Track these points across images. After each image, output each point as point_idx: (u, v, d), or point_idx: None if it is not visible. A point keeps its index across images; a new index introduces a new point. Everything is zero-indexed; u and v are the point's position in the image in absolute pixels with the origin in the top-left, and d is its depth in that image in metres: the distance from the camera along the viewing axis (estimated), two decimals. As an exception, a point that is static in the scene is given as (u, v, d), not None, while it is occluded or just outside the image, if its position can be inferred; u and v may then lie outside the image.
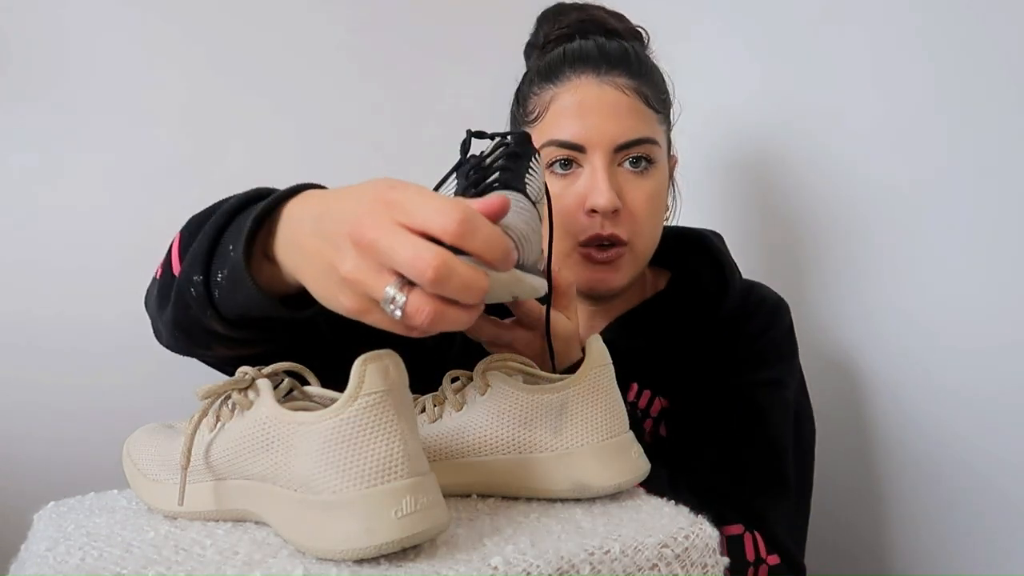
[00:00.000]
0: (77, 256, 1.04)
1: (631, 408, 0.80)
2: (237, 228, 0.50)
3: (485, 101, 1.33)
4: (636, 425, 0.77)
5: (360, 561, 0.41)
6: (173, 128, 1.10)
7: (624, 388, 0.78)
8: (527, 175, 0.54)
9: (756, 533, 0.71)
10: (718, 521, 0.68)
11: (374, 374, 0.42)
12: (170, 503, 0.51)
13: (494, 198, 0.42)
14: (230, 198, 0.54)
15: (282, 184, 0.70)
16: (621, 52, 0.79)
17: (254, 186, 0.60)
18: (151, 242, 1.08)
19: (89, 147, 1.05)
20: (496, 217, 0.42)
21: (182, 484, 0.49)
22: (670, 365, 0.80)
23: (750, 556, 0.70)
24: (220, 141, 1.13)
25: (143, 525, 0.51)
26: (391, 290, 0.39)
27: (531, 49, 0.86)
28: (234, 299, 0.50)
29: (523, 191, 0.52)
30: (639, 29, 0.86)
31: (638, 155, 0.76)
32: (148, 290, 0.62)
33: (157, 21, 1.09)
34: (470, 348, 0.65)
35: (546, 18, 0.85)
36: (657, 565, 0.46)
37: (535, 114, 0.80)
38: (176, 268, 0.55)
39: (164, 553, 0.46)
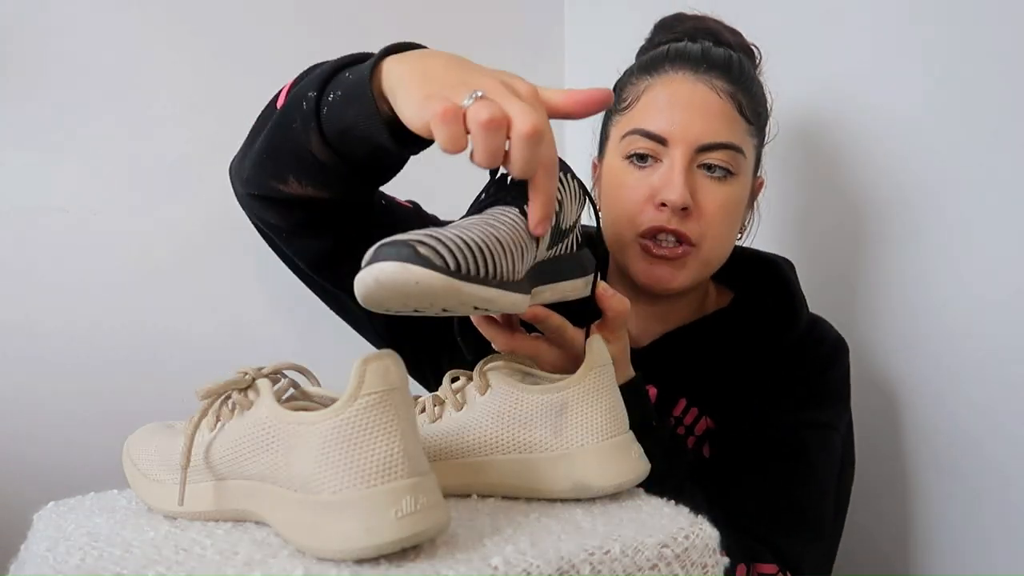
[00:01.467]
0: (76, 255, 1.04)
1: (675, 423, 0.78)
2: (359, 64, 0.55)
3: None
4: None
5: (360, 561, 0.41)
6: (175, 127, 1.10)
7: (671, 403, 0.78)
8: None
9: (788, 574, 0.70)
10: (753, 557, 0.68)
11: (374, 374, 0.42)
12: (170, 503, 0.51)
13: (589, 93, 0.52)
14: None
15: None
16: (724, 57, 0.77)
17: None
18: (152, 241, 1.08)
19: (89, 147, 1.05)
20: (578, 107, 0.51)
21: (182, 484, 0.49)
22: (721, 386, 0.78)
23: None
24: (223, 140, 1.13)
25: (143, 525, 0.51)
26: (473, 94, 0.47)
27: (643, 52, 0.86)
28: (343, 114, 0.55)
29: (520, 207, 0.53)
30: (752, 47, 0.85)
31: (718, 163, 0.74)
32: (241, 146, 0.69)
33: (160, 19, 1.09)
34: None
35: (664, 25, 0.86)
36: (657, 565, 0.46)
37: (627, 102, 0.79)
38: (280, 102, 0.61)
39: (164, 553, 0.46)
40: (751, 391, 0.78)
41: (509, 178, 0.56)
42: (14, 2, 1.01)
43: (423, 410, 0.57)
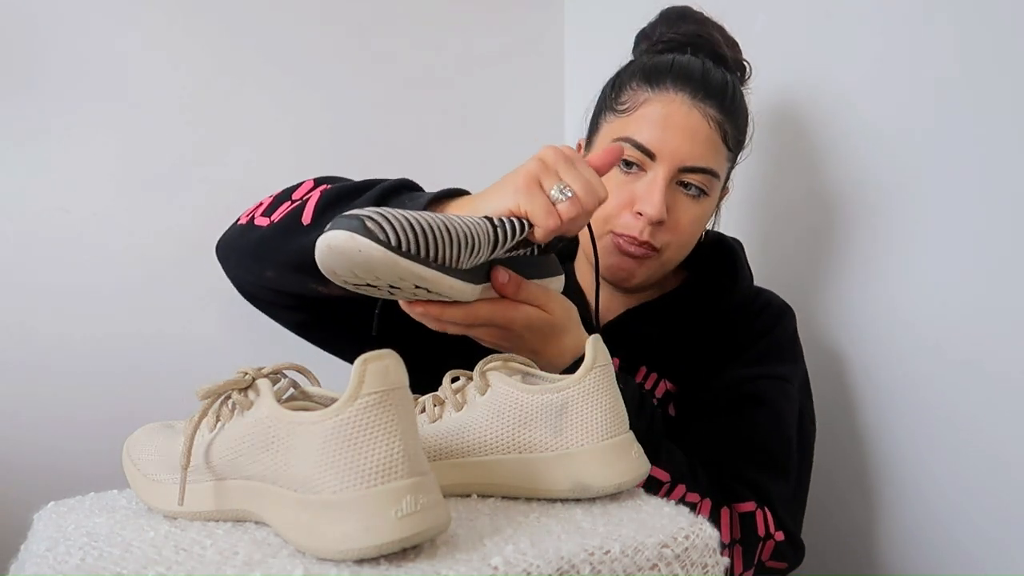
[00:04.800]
0: (77, 255, 1.04)
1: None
2: (406, 196, 0.65)
3: (490, 101, 1.34)
4: None
5: (360, 561, 0.41)
6: (174, 127, 1.10)
7: (632, 371, 0.84)
8: None
9: (765, 509, 0.74)
10: (731, 498, 0.73)
11: (374, 374, 0.42)
12: (170, 503, 0.51)
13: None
14: (375, 180, 0.68)
15: (281, 184, 0.71)
16: (721, 84, 0.82)
17: (256, 186, 0.65)
18: (152, 241, 1.08)
19: (89, 148, 1.05)
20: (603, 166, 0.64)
21: (182, 484, 0.49)
22: (677, 353, 0.85)
23: (760, 531, 0.73)
24: (221, 141, 1.13)
25: (143, 525, 0.51)
26: (559, 186, 0.60)
27: (642, 39, 0.90)
28: None
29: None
30: (745, 63, 0.90)
31: (696, 183, 0.80)
32: (240, 235, 0.73)
33: (161, 22, 1.09)
34: (471, 348, 0.66)
35: (667, 18, 0.89)
36: (657, 565, 0.46)
37: (625, 107, 0.83)
38: (307, 219, 0.67)
39: (164, 553, 0.46)
40: (706, 351, 0.84)
41: None
42: (15, 4, 1.01)
43: (423, 410, 0.57)
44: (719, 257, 0.90)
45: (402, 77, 1.26)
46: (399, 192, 0.66)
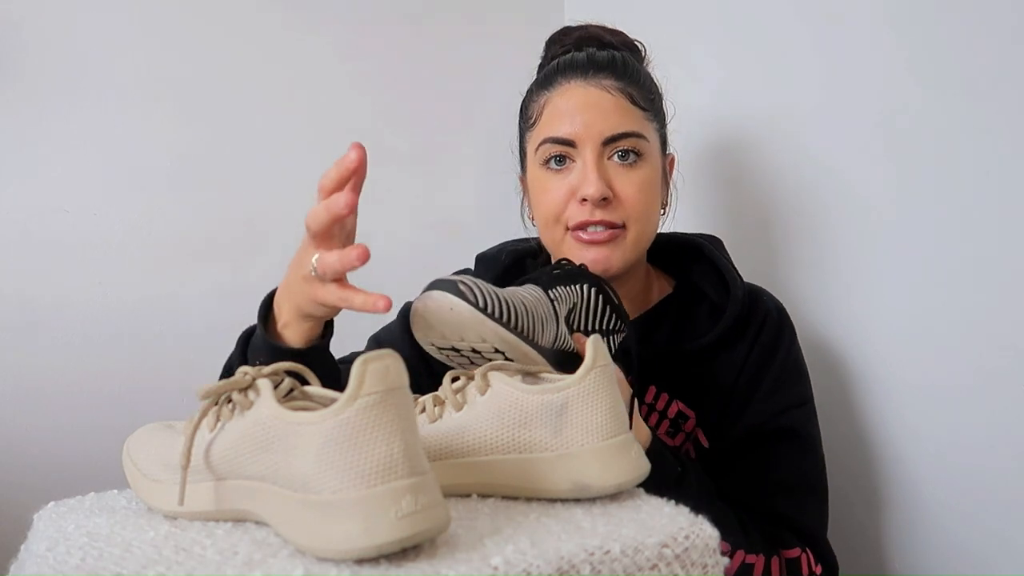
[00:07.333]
0: (76, 257, 1.04)
1: (648, 410, 0.83)
2: (252, 338, 0.70)
3: (490, 101, 1.34)
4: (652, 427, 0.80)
5: (360, 561, 0.41)
6: (174, 127, 1.10)
7: (643, 391, 0.83)
8: (558, 286, 0.68)
9: (808, 551, 0.76)
10: (779, 545, 0.75)
11: (374, 374, 0.42)
12: (170, 503, 0.51)
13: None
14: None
15: (279, 183, 0.71)
16: (608, 58, 0.84)
17: (255, 185, 0.65)
18: (152, 241, 1.08)
19: (89, 147, 1.05)
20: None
21: (182, 484, 0.49)
22: (685, 369, 0.84)
23: (804, 573, 0.75)
24: (222, 140, 1.13)
25: (143, 525, 0.51)
26: (313, 260, 0.60)
27: (539, 70, 0.92)
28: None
29: (544, 288, 0.66)
30: (636, 43, 0.91)
31: (626, 148, 0.81)
32: None
33: (160, 22, 1.09)
34: None
35: (553, 40, 0.92)
36: (657, 565, 0.46)
37: (533, 119, 0.86)
38: None
39: (164, 553, 0.46)
40: (716, 372, 0.83)
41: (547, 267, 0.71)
42: (14, 4, 1.01)
43: (423, 410, 0.57)
44: (700, 263, 0.89)
45: (402, 77, 1.26)
46: (246, 341, 0.71)
